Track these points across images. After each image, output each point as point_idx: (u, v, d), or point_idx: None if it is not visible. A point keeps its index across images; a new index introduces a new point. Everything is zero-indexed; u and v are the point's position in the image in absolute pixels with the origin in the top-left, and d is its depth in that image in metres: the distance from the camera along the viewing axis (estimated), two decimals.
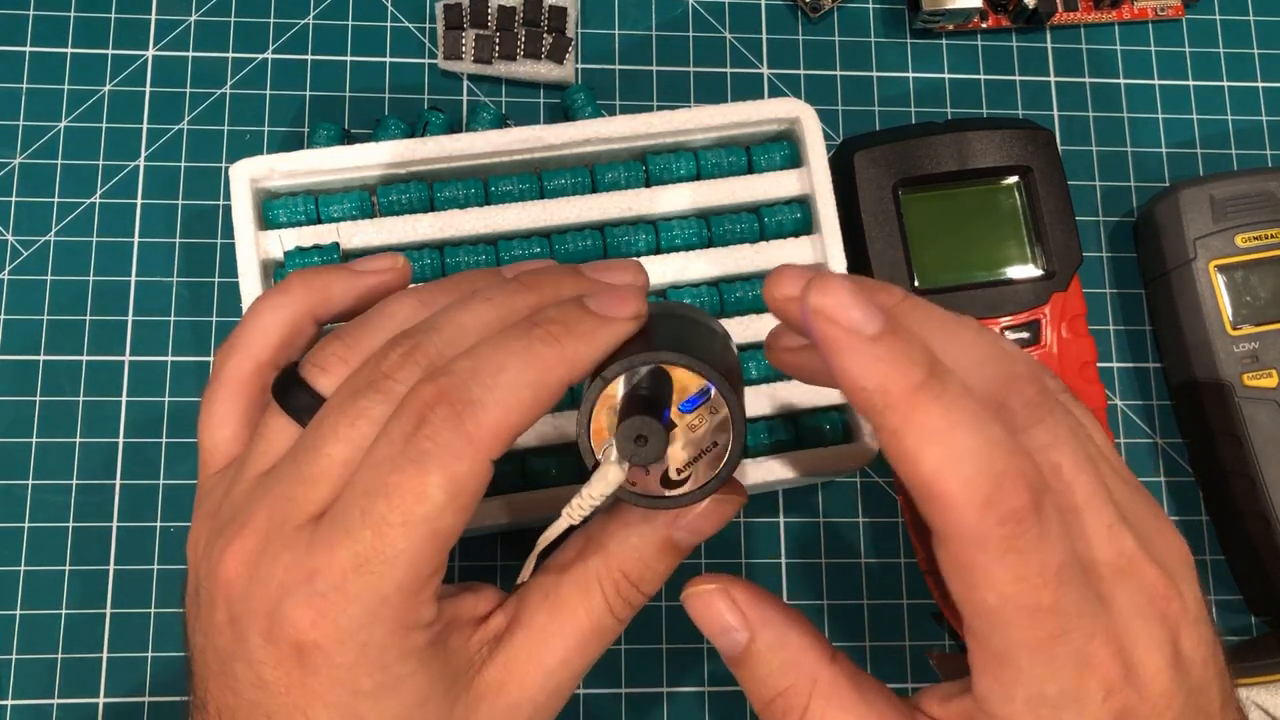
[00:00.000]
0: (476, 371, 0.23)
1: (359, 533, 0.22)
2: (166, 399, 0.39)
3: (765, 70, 0.44)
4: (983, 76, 0.45)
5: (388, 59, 0.43)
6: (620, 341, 0.25)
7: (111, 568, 0.38)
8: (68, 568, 0.38)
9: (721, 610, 0.25)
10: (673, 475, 0.24)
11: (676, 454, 0.24)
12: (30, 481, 0.39)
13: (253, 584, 0.23)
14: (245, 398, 0.27)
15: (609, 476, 0.23)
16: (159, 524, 0.39)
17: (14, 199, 0.41)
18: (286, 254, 0.36)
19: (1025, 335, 0.39)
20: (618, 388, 0.24)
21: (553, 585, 0.26)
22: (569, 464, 0.36)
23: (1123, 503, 0.23)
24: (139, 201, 0.41)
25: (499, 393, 0.23)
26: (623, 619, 0.26)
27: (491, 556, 0.39)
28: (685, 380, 0.24)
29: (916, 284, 0.39)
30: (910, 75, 0.44)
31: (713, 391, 0.24)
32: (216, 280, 0.41)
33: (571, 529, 0.25)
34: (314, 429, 0.24)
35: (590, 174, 0.38)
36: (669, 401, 0.24)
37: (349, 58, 0.43)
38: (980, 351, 0.24)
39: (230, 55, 0.42)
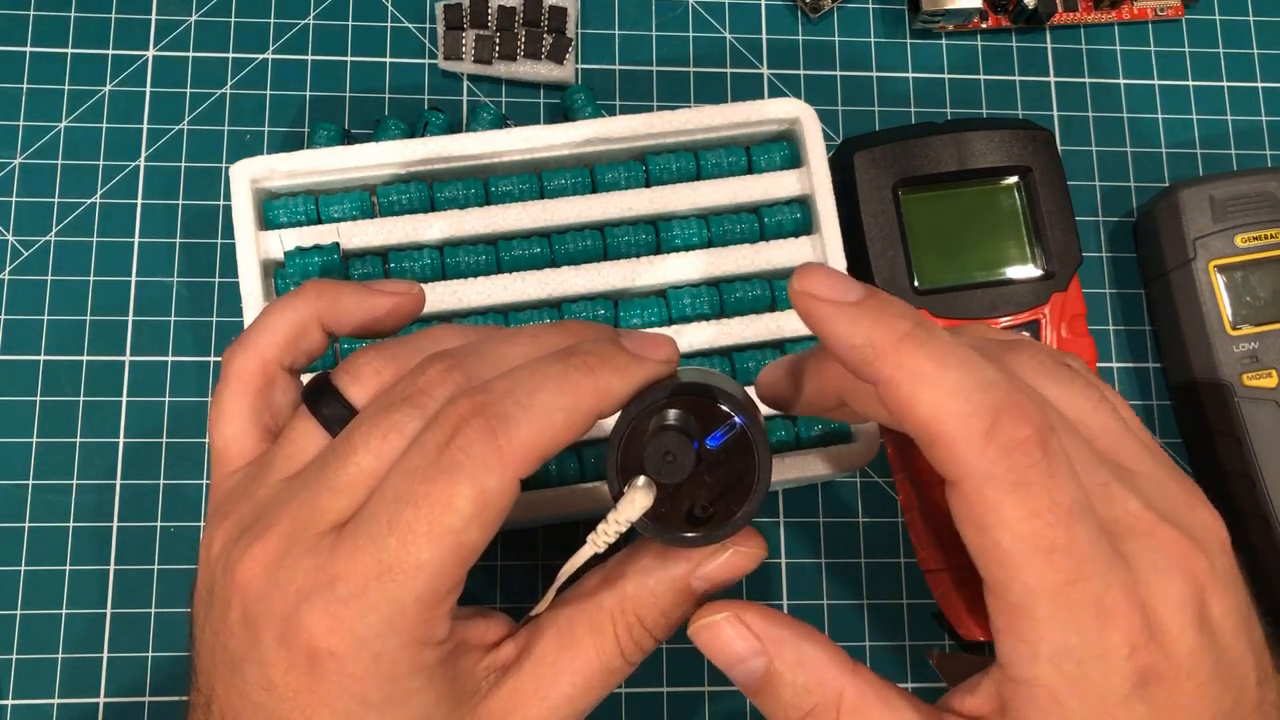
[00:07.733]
0: (512, 390, 0.23)
1: (384, 540, 0.22)
2: (166, 399, 0.39)
3: (765, 70, 0.44)
4: (983, 76, 0.45)
5: (388, 59, 0.43)
6: (651, 381, 0.25)
7: (112, 568, 0.38)
8: (68, 568, 0.38)
9: (733, 639, 0.25)
10: (696, 512, 0.24)
11: (700, 490, 0.24)
12: (30, 481, 0.39)
13: (271, 587, 0.23)
14: (252, 394, 0.27)
15: (636, 500, 0.24)
16: (159, 524, 0.39)
17: (14, 199, 0.41)
18: (287, 254, 0.36)
19: (1025, 336, 0.39)
20: (646, 421, 0.24)
21: (566, 621, 0.26)
22: (569, 464, 0.36)
23: (1142, 472, 0.23)
24: (139, 201, 0.41)
25: (533, 413, 0.23)
26: (632, 662, 0.26)
27: (492, 557, 0.39)
28: (711, 417, 0.24)
29: (916, 284, 0.39)
30: (910, 75, 0.44)
31: (737, 427, 0.24)
32: (216, 280, 0.41)
33: (596, 557, 0.25)
34: (345, 438, 0.24)
35: (590, 174, 0.38)
36: (696, 435, 0.24)
37: (349, 58, 0.43)
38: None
39: (230, 55, 0.42)
